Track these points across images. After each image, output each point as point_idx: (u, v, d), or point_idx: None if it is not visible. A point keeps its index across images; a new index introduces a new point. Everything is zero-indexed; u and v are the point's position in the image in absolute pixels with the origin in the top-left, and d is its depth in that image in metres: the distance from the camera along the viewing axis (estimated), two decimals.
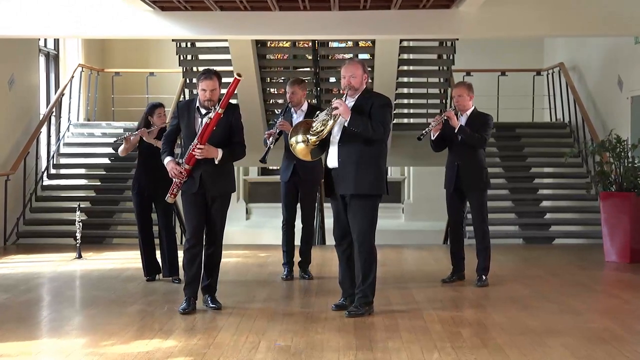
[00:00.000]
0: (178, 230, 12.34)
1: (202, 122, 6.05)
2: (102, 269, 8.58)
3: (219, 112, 5.97)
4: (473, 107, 7.42)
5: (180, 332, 5.46)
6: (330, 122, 5.88)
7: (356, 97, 6.00)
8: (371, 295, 6.02)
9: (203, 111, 6.08)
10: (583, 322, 5.79)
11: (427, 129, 7.30)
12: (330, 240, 12.60)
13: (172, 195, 6.26)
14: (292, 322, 5.76)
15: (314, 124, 6.01)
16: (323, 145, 6.02)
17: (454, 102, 7.41)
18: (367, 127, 5.81)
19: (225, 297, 6.55)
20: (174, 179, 6.15)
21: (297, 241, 7.80)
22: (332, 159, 5.98)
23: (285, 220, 7.76)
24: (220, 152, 6.03)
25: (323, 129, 5.92)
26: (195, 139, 6.01)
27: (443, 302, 6.54)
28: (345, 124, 5.84)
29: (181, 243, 12.30)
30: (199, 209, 6.13)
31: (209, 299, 6.28)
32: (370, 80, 12.75)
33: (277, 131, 7.37)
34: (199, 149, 5.98)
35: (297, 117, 7.45)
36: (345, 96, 5.98)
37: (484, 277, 7.32)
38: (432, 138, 7.41)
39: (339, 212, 6.08)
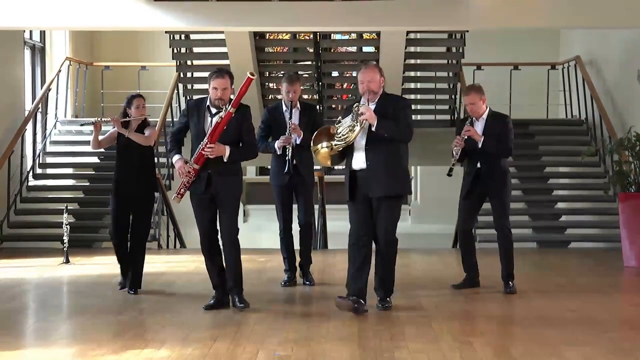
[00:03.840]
0: (172, 233, 12.34)
1: (212, 121, 6.29)
2: (90, 274, 8.58)
3: (230, 111, 6.19)
4: (487, 110, 7.37)
5: (174, 342, 5.45)
6: (357, 128, 6.21)
7: (376, 100, 6.34)
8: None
9: (213, 110, 6.31)
10: (602, 332, 5.77)
11: (453, 159, 7.30)
12: (332, 244, 12.59)
13: (178, 195, 6.42)
14: (292, 331, 5.75)
15: (338, 130, 6.30)
16: (343, 151, 6.35)
17: (467, 110, 7.34)
18: (394, 130, 6.23)
19: None
20: (181, 179, 6.36)
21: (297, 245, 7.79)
22: (358, 162, 6.33)
23: (283, 227, 7.73)
24: (227, 149, 6.25)
25: (350, 135, 6.23)
26: (205, 138, 6.23)
27: (453, 310, 6.53)
28: (372, 129, 6.20)
29: (177, 247, 12.31)
30: (207, 210, 6.39)
31: (236, 298, 6.44)
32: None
33: (293, 134, 7.37)
34: (209, 148, 6.20)
35: (295, 118, 7.46)
36: (367, 101, 6.30)
37: (511, 284, 7.30)
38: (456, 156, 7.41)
39: (365, 213, 6.33)
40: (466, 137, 7.22)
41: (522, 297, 7.14)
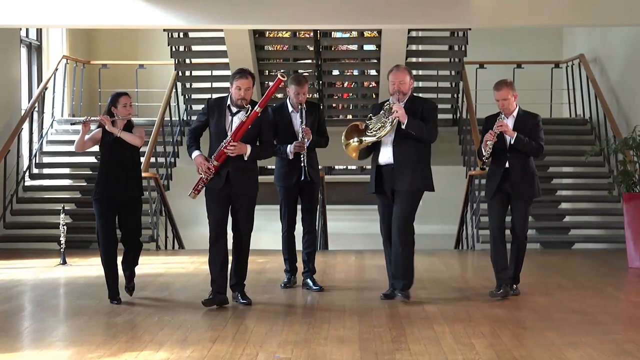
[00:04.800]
0: (170, 234, 12.34)
1: (232, 120, 6.56)
2: (88, 275, 8.58)
3: (257, 111, 6.47)
4: (517, 107, 7.17)
5: (173, 344, 5.45)
6: (389, 126, 6.68)
7: (404, 101, 6.78)
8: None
9: (234, 109, 6.56)
10: (605, 334, 5.77)
11: (485, 154, 7.05)
12: (332, 245, 12.61)
13: (195, 191, 6.70)
14: (292, 333, 5.76)
15: (370, 126, 6.76)
16: (371, 146, 6.82)
17: (499, 106, 7.12)
18: (422, 130, 6.71)
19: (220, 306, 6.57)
20: (200, 175, 6.56)
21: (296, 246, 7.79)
22: (385, 157, 6.80)
23: (287, 228, 7.71)
24: (249, 148, 6.53)
25: (381, 131, 6.70)
26: (228, 136, 6.48)
27: (455, 312, 6.53)
28: (403, 126, 6.67)
29: (175, 248, 12.31)
30: (221, 205, 6.64)
31: (238, 295, 6.72)
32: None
33: (306, 139, 7.30)
34: (231, 146, 6.46)
35: (303, 119, 7.36)
36: (398, 101, 6.74)
37: (514, 287, 7.26)
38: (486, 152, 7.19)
39: (391, 207, 6.82)
40: (498, 132, 6.99)
41: (525, 298, 7.14)
